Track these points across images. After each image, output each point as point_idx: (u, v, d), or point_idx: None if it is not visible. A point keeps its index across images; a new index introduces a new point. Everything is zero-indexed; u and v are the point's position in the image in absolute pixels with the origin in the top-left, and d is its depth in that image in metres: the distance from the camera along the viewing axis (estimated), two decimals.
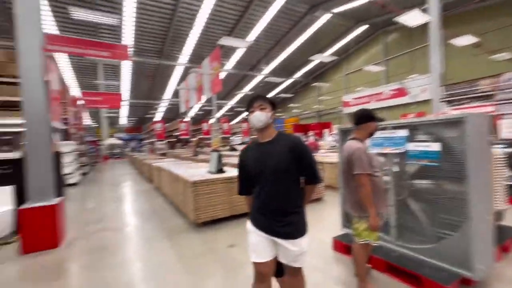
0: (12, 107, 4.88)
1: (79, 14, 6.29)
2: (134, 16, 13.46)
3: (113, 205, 5.79)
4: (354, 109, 25.85)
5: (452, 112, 16.04)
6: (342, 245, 2.72)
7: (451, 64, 17.17)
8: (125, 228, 4.11)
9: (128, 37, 15.41)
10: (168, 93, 27.78)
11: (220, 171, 4.25)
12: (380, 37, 21.87)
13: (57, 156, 6.11)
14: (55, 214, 3.33)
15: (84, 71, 20.45)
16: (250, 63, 23.86)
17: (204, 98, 14.69)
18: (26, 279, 2.66)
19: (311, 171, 1.51)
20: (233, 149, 14.55)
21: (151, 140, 25.15)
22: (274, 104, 1.54)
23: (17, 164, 3.86)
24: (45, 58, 3.59)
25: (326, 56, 11.66)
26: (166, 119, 30.57)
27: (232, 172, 4.47)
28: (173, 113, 37.29)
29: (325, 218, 4.14)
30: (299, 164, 1.46)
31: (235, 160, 6.65)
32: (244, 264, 2.68)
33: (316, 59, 11.94)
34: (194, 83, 15.97)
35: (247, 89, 26.60)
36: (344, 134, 2.86)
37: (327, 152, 9.43)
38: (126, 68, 20.18)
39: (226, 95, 30.05)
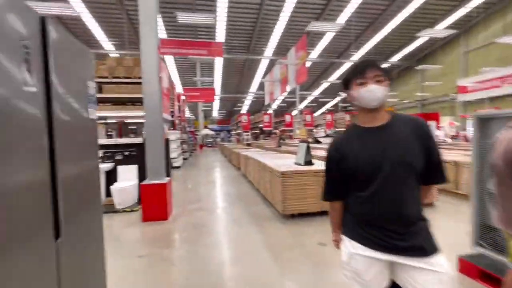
0: (136, 102, 6.03)
1: (184, 17, 7.25)
2: (226, 15, 14.46)
3: (207, 187, 6.48)
4: (473, 96, 20.72)
5: None
6: (475, 268, 2.08)
7: None
8: (217, 210, 4.47)
9: (220, 36, 16.77)
10: (253, 87, 29.18)
11: (309, 163, 4.04)
12: None
13: (167, 142, 7.23)
14: (166, 191, 3.90)
15: (185, 70, 23.70)
16: (337, 50, 22.25)
17: (288, 89, 14.65)
18: (146, 243, 3.21)
19: (439, 166, 1.12)
20: (317, 142, 14.02)
21: (238, 131, 27.20)
22: (390, 74, 1.14)
23: (139, 148, 4.72)
24: (159, 60, 4.19)
25: (440, 30, 9.45)
26: (251, 111, 32.35)
27: (321, 165, 4.19)
28: (257, 106, 39.09)
29: (441, 230, 3.37)
30: (427, 155, 1.08)
31: (321, 153, 6.28)
32: (337, 267, 2.43)
33: (425, 35, 9.83)
34: (279, 75, 16.12)
35: (333, 78, 25.04)
36: (483, 123, 2.15)
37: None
38: (218, 65, 22.21)
39: (309, 86, 29.23)
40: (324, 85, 29.01)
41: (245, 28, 16.83)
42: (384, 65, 23.99)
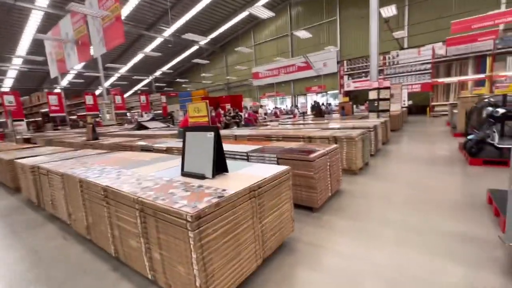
0: None
1: None
2: None
3: None
4: (264, 81, 25.74)
5: (352, 85, 17.89)
6: None
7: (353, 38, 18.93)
8: None
9: None
10: (21, 50, 18.77)
11: (222, 169, 1.98)
12: (286, 8, 21.64)
13: None
14: None
15: None
16: (146, 21, 18.88)
17: (95, 54, 9.95)
18: None
19: None
20: (143, 127, 10.96)
21: None
22: None
23: None
24: None
25: (258, 7, 9.64)
26: (21, 89, 21.08)
27: (254, 169, 2.20)
28: (34, 81, 26.47)
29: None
30: None
31: (161, 145, 4.20)
32: None
33: (249, 11, 9.69)
34: (72, 32, 10.59)
35: (148, 49, 21.34)
36: None
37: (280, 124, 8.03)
38: None
39: (115, 59, 23.35)
40: (135, 60, 24.43)
41: None
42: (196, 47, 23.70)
